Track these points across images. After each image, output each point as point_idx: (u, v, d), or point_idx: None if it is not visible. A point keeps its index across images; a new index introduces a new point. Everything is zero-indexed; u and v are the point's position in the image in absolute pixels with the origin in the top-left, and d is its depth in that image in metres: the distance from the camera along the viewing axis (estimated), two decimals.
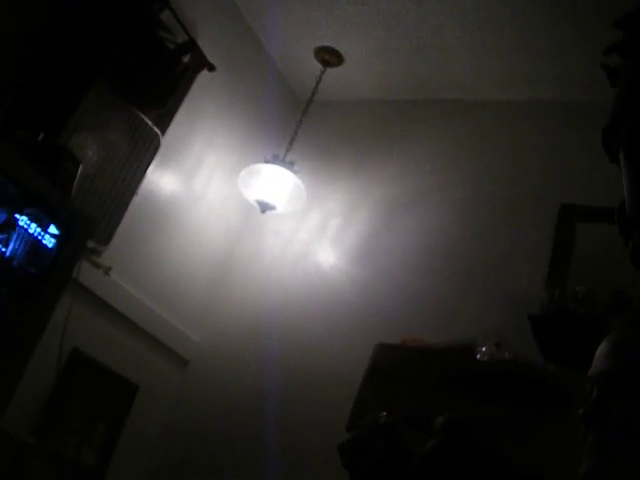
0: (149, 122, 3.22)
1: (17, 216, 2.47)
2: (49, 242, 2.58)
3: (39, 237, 2.54)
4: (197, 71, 3.42)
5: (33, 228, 2.52)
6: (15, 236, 2.48)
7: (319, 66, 3.91)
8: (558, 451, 2.34)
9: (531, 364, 2.68)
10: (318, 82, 3.89)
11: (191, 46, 3.35)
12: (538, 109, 3.63)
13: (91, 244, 3.04)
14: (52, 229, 2.59)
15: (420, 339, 2.93)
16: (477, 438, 0.89)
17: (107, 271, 3.19)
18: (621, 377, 0.81)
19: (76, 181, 2.70)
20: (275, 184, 3.58)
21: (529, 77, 3.60)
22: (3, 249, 2.46)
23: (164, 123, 3.33)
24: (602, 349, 0.86)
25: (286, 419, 3.32)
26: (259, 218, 3.74)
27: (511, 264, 3.30)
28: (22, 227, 2.48)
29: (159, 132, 3.28)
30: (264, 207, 3.58)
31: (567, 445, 2.31)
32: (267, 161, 3.63)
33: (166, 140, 3.35)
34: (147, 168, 3.27)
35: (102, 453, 3.24)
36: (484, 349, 2.75)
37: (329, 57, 3.87)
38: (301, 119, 3.83)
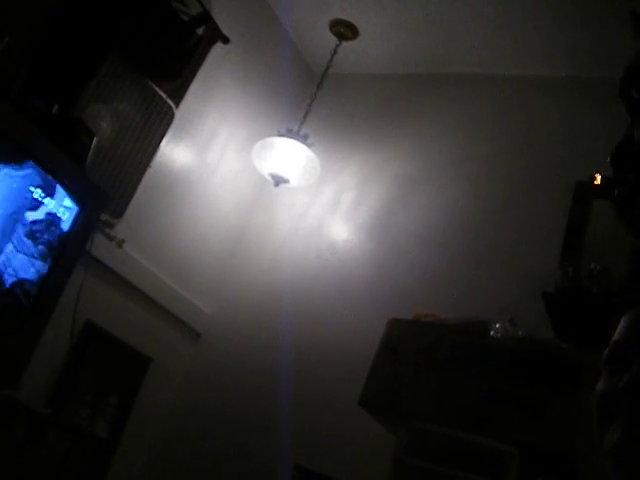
0: (163, 94, 3.21)
1: (31, 189, 2.47)
2: (63, 215, 2.58)
3: (53, 210, 2.54)
4: (211, 43, 3.39)
5: (47, 201, 2.52)
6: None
7: (334, 39, 3.87)
8: (569, 428, 2.34)
9: (544, 342, 2.67)
10: (333, 55, 3.86)
11: (205, 18, 3.32)
12: (555, 85, 3.59)
13: (104, 217, 3.04)
14: (66, 202, 2.59)
15: (433, 314, 2.92)
16: None
17: (120, 244, 3.19)
18: None
19: (90, 153, 2.70)
20: (289, 157, 3.56)
21: (546, 52, 3.55)
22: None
23: (178, 95, 3.31)
24: (626, 321, 0.80)
25: (298, 393, 3.33)
26: (272, 191, 3.73)
27: (526, 241, 3.28)
28: (36, 200, 2.48)
29: (173, 104, 3.27)
30: (278, 180, 3.57)
31: (578, 422, 2.32)
32: (281, 134, 3.61)
33: (180, 112, 3.33)
34: (161, 141, 3.26)
35: (114, 425, 3.27)
36: (497, 326, 2.75)
37: (344, 30, 3.83)
38: (315, 92, 3.80)
